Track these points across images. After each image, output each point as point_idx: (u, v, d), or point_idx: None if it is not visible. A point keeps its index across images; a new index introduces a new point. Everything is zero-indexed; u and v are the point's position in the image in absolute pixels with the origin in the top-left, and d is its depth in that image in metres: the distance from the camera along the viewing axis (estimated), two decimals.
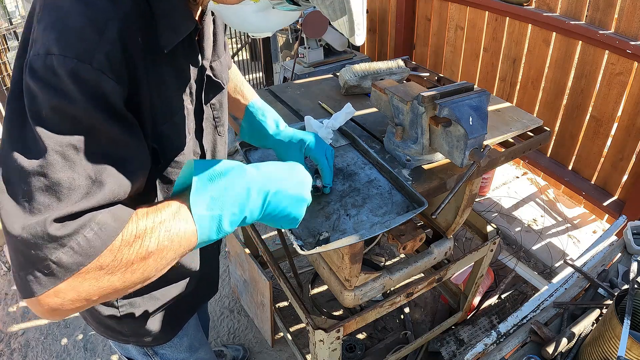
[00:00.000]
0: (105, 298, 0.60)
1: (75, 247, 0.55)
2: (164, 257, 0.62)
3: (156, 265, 0.62)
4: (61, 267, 0.54)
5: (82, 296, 0.57)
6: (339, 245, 0.93)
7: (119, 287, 0.59)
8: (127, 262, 0.58)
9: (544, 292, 1.29)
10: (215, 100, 0.97)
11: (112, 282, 0.58)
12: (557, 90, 2.55)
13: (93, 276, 0.57)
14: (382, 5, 3.62)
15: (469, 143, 1.08)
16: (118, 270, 0.58)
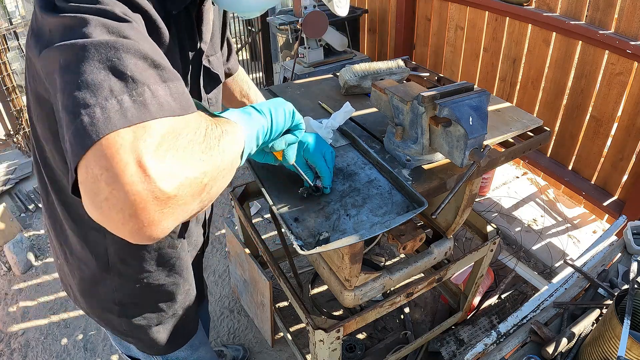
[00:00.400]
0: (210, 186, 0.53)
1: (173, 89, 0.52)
2: (234, 143, 0.61)
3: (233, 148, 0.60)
4: (156, 101, 0.48)
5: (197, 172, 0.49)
6: (339, 245, 0.93)
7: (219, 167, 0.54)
8: (217, 137, 0.55)
9: (544, 292, 1.29)
10: (212, 94, 0.98)
11: (215, 158, 0.53)
12: (557, 90, 2.55)
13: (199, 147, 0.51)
14: (382, 5, 3.62)
15: (469, 143, 1.08)
16: (215, 145, 0.54)
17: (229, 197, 2.50)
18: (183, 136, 0.49)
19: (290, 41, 3.34)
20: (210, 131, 0.54)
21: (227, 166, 0.57)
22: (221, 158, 0.55)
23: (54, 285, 2.61)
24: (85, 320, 2.38)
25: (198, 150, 0.50)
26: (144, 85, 0.47)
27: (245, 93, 1.23)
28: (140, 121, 0.45)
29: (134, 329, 1.06)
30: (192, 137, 0.50)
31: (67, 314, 2.43)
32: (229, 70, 1.22)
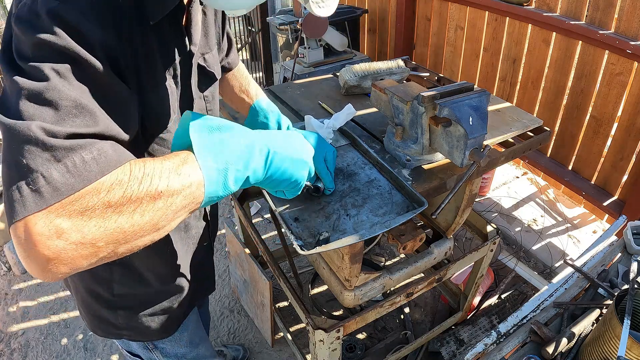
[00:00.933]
0: (112, 247, 0.55)
1: (69, 165, 0.52)
2: (173, 201, 0.58)
3: (165, 210, 0.58)
4: (50, 185, 0.50)
5: (87, 239, 0.52)
6: (339, 245, 0.93)
7: (127, 231, 0.55)
8: (136, 200, 0.55)
9: (544, 292, 1.29)
10: (208, 92, 0.98)
11: (120, 223, 0.54)
12: (557, 90, 2.55)
13: (99, 214, 0.52)
14: (382, 5, 3.62)
15: (469, 143, 1.08)
16: (126, 209, 0.54)
17: (229, 197, 2.50)
18: (77, 204, 0.52)
19: (290, 41, 3.34)
20: (129, 192, 0.54)
21: (142, 229, 0.57)
22: (133, 222, 0.55)
23: (54, 285, 2.61)
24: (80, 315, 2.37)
25: (95, 216, 0.52)
26: (37, 173, 0.50)
27: (245, 88, 1.22)
28: (37, 209, 0.50)
29: (129, 319, 1.06)
30: (91, 203, 0.52)
31: (67, 314, 2.43)
32: (229, 64, 1.21)
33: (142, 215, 0.56)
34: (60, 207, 0.51)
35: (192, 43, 0.86)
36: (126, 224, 0.54)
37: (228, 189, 0.65)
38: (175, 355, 1.23)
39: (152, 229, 0.58)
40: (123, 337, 1.12)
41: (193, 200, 0.61)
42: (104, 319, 1.07)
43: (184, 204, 0.60)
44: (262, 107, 1.17)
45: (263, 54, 4.35)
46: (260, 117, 1.16)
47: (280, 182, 0.75)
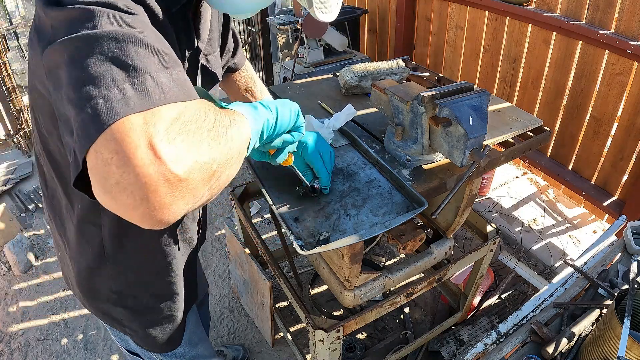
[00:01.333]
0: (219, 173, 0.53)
1: (174, 75, 0.52)
2: (241, 133, 0.61)
3: (239, 139, 0.60)
4: (159, 88, 0.48)
5: (205, 158, 0.49)
6: (339, 245, 0.93)
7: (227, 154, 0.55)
8: (223, 125, 0.55)
9: (544, 292, 1.29)
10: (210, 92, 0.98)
11: (223, 146, 0.53)
12: (557, 90, 2.55)
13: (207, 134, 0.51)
14: (382, 5, 3.62)
15: (469, 143, 1.08)
16: (224, 133, 0.54)
17: (229, 197, 2.50)
18: (192, 122, 0.49)
19: (290, 41, 3.34)
20: (219, 119, 0.55)
21: (234, 155, 0.57)
22: (229, 146, 0.54)
23: (54, 285, 2.61)
24: (85, 320, 2.38)
25: (207, 137, 0.50)
26: (145, 73, 0.47)
27: (251, 89, 1.23)
28: (144, 108, 0.45)
29: (130, 320, 1.06)
30: (201, 123, 0.50)
31: (67, 314, 2.43)
32: (235, 65, 1.21)
33: (231, 141, 0.56)
34: (180, 120, 0.48)
35: (200, 40, 0.87)
36: (225, 146, 0.54)
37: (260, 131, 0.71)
38: (174, 355, 1.23)
39: (238, 157, 0.59)
40: (127, 334, 1.12)
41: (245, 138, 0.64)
42: (107, 312, 1.07)
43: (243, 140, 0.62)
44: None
45: (263, 54, 4.35)
46: None
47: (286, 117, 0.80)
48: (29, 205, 3.24)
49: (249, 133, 0.65)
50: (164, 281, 1.06)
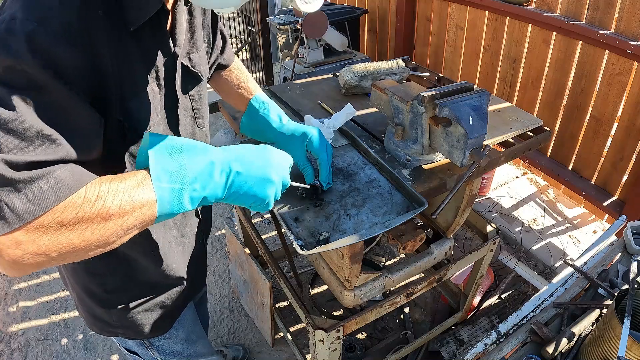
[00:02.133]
0: (64, 257, 0.61)
1: (29, 195, 0.57)
2: (124, 222, 0.64)
3: (116, 229, 0.63)
4: (13, 213, 0.56)
5: (41, 250, 0.59)
6: (339, 245, 0.93)
7: (78, 246, 0.61)
8: (88, 220, 0.61)
9: (544, 292, 1.29)
10: (194, 91, 0.98)
11: (71, 239, 0.60)
12: (557, 90, 2.55)
13: (53, 230, 0.59)
14: (382, 5, 3.62)
15: (469, 143, 1.08)
16: (78, 228, 0.60)
17: None
18: (34, 223, 0.58)
19: (290, 41, 3.34)
20: (81, 213, 0.60)
21: (92, 244, 0.63)
22: (83, 239, 0.61)
23: (54, 285, 2.61)
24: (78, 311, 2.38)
25: (50, 232, 0.59)
26: (1, 202, 0.55)
27: (244, 84, 1.22)
28: (3, 233, 0.56)
29: (123, 318, 1.06)
30: (46, 222, 0.58)
31: (67, 314, 2.43)
32: (225, 61, 1.20)
33: (93, 233, 0.62)
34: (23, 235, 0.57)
35: (176, 45, 0.86)
36: (77, 240, 0.61)
37: (183, 207, 0.69)
38: (172, 353, 1.23)
39: (102, 245, 0.64)
40: (118, 335, 1.12)
41: (145, 219, 0.66)
42: (98, 317, 1.07)
43: (135, 223, 0.65)
44: (262, 101, 1.16)
45: (263, 54, 4.35)
46: (260, 110, 1.15)
47: (245, 199, 0.77)
48: None
49: (144, 219, 0.66)
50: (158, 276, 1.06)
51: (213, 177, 0.71)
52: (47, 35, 0.59)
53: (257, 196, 0.77)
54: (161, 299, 1.10)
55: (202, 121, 1.04)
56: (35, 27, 0.58)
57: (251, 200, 0.78)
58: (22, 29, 0.58)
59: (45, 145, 0.60)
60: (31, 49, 0.58)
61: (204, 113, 1.04)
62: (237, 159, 0.75)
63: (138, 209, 0.64)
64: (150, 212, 0.66)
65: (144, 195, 0.64)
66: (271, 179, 0.79)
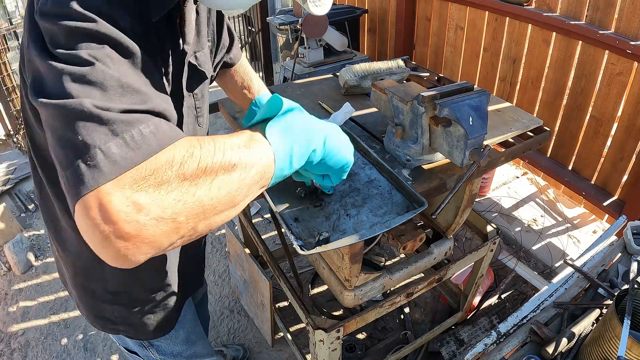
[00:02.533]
0: (194, 221, 0.54)
1: (128, 139, 0.51)
2: (247, 175, 0.59)
3: (240, 183, 0.58)
4: (109, 160, 0.49)
5: (168, 213, 0.50)
6: (339, 245, 0.93)
7: (206, 204, 0.54)
8: (211, 172, 0.54)
9: (544, 292, 1.29)
10: (197, 90, 0.98)
11: (198, 196, 0.53)
12: (557, 90, 2.55)
13: (176, 186, 0.51)
14: (382, 5, 3.62)
15: (469, 143, 1.08)
16: (203, 182, 0.53)
17: None
18: (151, 178, 0.50)
19: (290, 41, 3.34)
20: (203, 163, 0.54)
21: (220, 202, 0.56)
22: (211, 196, 0.54)
23: (54, 285, 2.61)
24: (85, 320, 2.37)
25: (173, 189, 0.51)
26: (95, 148, 0.50)
27: (247, 84, 1.22)
28: (98, 184, 0.48)
29: (124, 316, 1.06)
30: (166, 176, 0.51)
31: (67, 314, 2.43)
32: (231, 60, 1.21)
33: (220, 188, 0.55)
34: (134, 181, 0.50)
35: (185, 42, 0.86)
36: (205, 196, 0.54)
37: (292, 166, 0.68)
38: (172, 354, 1.23)
39: (229, 203, 0.58)
40: (120, 332, 1.12)
41: (264, 174, 0.62)
42: (100, 314, 1.07)
43: (257, 179, 0.61)
44: (263, 103, 1.17)
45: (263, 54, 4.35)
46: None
47: (332, 164, 0.79)
48: (29, 205, 3.24)
49: (263, 174, 0.62)
50: (159, 275, 1.06)
51: (315, 134, 0.72)
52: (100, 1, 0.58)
53: (344, 159, 0.80)
54: (163, 299, 1.10)
55: (202, 120, 1.04)
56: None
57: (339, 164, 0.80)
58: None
59: (132, 95, 0.56)
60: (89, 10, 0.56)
61: (205, 112, 1.04)
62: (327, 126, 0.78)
63: (258, 161, 0.60)
64: (269, 167, 0.63)
65: (260, 148, 0.61)
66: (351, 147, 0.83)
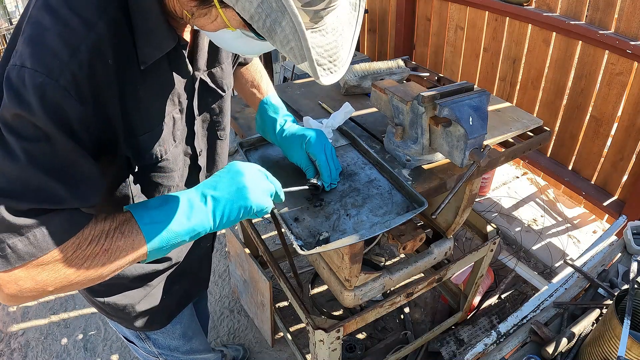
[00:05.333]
0: (61, 290, 0.67)
1: (31, 238, 0.61)
2: (117, 257, 0.69)
3: (110, 265, 0.69)
4: (15, 254, 0.61)
5: (39, 286, 0.64)
6: (339, 245, 0.94)
7: (73, 281, 0.66)
8: (84, 257, 0.66)
9: (544, 292, 1.29)
10: (214, 105, 0.98)
11: (67, 275, 0.65)
12: (557, 90, 2.55)
13: (51, 267, 0.64)
14: (382, 5, 3.62)
15: (469, 143, 1.08)
16: (75, 265, 0.65)
17: None
18: (34, 265, 0.63)
19: None
20: (79, 252, 0.66)
21: (87, 278, 0.68)
22: (79, 273, 0.66)
23: None
24: (85, 320, 2.38)
25: (48, 269, 0.64)
26: (3, 243, 0.60)
27: (257, 83, 1.25)
28: (2, 270, 0.61)
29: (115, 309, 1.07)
30: (46, 260, 0.63)
31: (67, 314, 2.43)
32: (245, 59, 1.24)
33: (88, 269, 0.67)
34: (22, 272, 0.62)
35: (195, 69, 0.87)
36: (73, 275, 0.66)
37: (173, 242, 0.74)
38: (168, 347, 1.24)
39: (97, 279, 0.69)
40: (115, 320, 1.13)
41: (137, 256, 0.71)
42: (93, 301, 1.08)
43: (128, 260, 0.70)
44: (271, 103, 1.20)
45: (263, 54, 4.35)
46: (269, 111, 1.19)
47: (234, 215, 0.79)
48: None
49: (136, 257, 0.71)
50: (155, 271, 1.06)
51: (194, 207, 0.75)
52: (56, 90, 0.60)
53: (245, 206, 0.79)
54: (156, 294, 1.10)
55: (223, 133, 1.05)
56: (44, 79, 0.59)
57: (247, 211, 0.80)
58: (31, 81, 0.59)
59: (48, 194, 0.63)
60: (41, 103, 0.60)
61: (225, 125, 1.06)
62: (211, 186, 0.79)
63: (129, 244, 0.69)
64: (142, 249, 0.71)
65: (132, 233, 0.70)
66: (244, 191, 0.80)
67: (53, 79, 0.60)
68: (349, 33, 0.67)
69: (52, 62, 0.60)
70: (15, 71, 0.60)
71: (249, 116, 1.63)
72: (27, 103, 0.60)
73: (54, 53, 0.61)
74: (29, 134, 0.61)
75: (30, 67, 0.60)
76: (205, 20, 0.68)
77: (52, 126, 0.61)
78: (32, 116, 0.60)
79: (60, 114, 0.62)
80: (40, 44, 0.61)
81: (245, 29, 0.67)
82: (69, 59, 0.61)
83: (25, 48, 0.61)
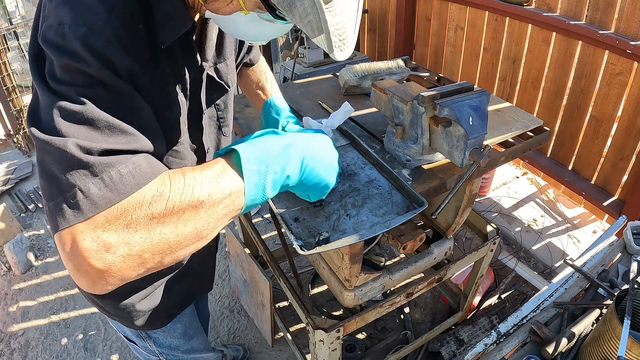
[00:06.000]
0: (160, 256, 0.58)
1: (106, 179, 0.55)
2: (215, 210, 0.61)
3: (208, 219, 0.61)
4: (88, 200, 0.53)
5: (134, 251, 0.55)
6: (339, 245, 0.93)
7: (172, 241, 0.58)
8: (179, 210, 0.57)
9: (544, 292, 1.29)
10: (219, 101, 0.98)
11: (164, 234, 0.56)
12: (557, 90, 2.55)
13: (144, 225, 0.55)
14: (382, 5, 3.62)
15: (469, 143, 1.08)
16: (170, 220, 0.57)
17: None
18: (121, 218, 0.55)
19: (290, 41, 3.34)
20: (171, 203, 0.57)
21: (186, 238, 0.60)
22: (177, 233, 0.58)
23: (54, 285, 2.61)
24: (85, 320, 2.38)
25: (140, 228, 0.55)
26: (74, 188, 0.54)
27: (262, 85, 1.26)
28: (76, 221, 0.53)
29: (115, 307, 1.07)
30: (135, 216, 0.55)
31: (67, 314, 2.43)
32: (251, 60, 1.25)
33: (185, 225, 0.58)
34: (106, 221, 0.54)
35: (204, 59, 0.88)
36: (170, 234, 0.57)
37: (265, 195, 0.68)
38: (169, 346, 1.24)
39: (195, 238, 0.61)
40: (115, 319, 1.13)
41: (234, 207, 0.64)
42: (93, 300, 1.08)
43: (225, 212, 0.63)
44: (275, 104, 1.22)
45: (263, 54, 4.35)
46: (272, 113, 1.21)
47: (312, 184, 0.79)
48: (29, 205, 3.24)
49: (232, 207, 0.64)
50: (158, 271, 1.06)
51: (290, 159, 0.71)
52: (99, 40, 0.59)
53: (322, 182, 0.80)
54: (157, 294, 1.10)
55: (227, 129, 1.06)
56: (86, 31, 0.58)
57: (318, 186, 0.80)
58: (73, 32, 0.58)
59: (117, 135, 0.59)
60: (87, 50, 0.58)
61: (229, 121, 1.06)
62: (307, 144, 0.76)
63: (227, 196, 0.62)
64: (239, 199, 0.64)
65: (230, 181, 0.63)
66: (335, 165, 0.82)
67: (95, 33, 0.59)
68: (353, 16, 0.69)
69: (91, 17, 0.59)
70: (52, 30, 0.59)
71: (249, 116, 1.63)
72: (73, 52, 0.58)
73: (92, 10, 0.60)
74: (83, 81, 0.59)
75: (69, 23, 0.58)
76: (220, 3, 0.69)
77: (105, 71, 0.60)
78: (81, 64, 0.58)
79: (109, 64, 0.60)
80: (77, 1, 0.60)
81: (261, 10, 0.67)
82: (108, 15, 0.60)
83: (60, 9, 0.60)
